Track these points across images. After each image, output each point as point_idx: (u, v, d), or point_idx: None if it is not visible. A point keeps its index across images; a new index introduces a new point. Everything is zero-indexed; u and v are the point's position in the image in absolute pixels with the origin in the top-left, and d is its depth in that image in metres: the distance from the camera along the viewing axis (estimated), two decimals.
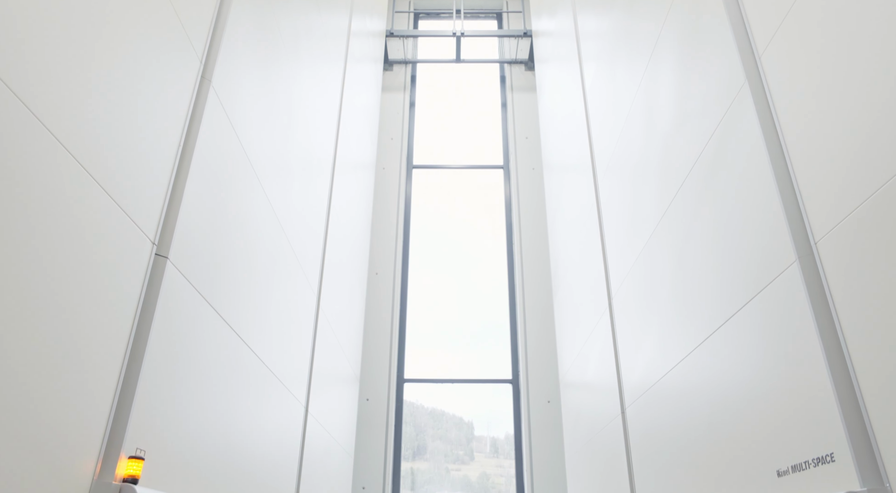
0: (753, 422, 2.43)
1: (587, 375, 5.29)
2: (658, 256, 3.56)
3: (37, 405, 1.58)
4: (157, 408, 2.16)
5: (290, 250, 3.94)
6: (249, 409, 3.16)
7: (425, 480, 7.79)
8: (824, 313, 2.00)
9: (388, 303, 7.29)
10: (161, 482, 2.17)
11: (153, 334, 2.11)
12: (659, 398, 3.53)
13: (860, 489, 1.75)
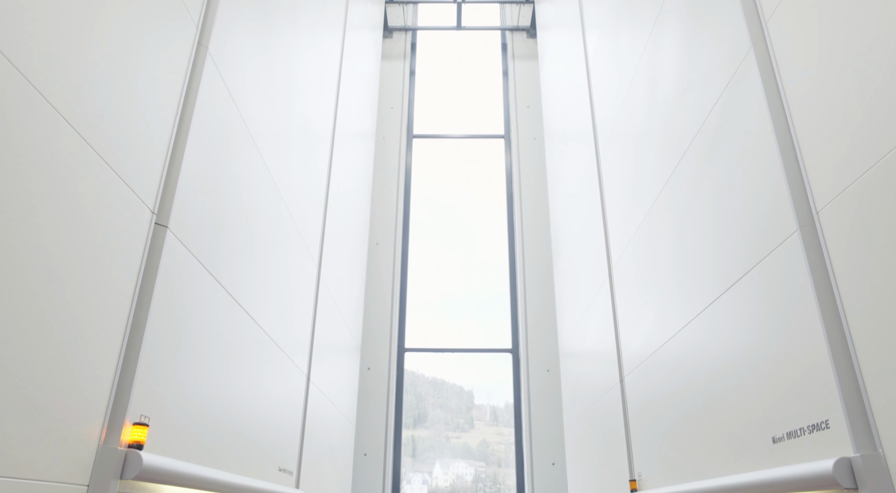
0: (750, 390, 2.46)
1: (586, 344, 5.33)
2: (659, 226, 3.55)
3: (41, 373, 1.60)
4: (160, 375, 2.18)
5: (290, 219, 3.93)
6: (251, 377, 3.20)
7: (426, 447, 7.92)
8: (824, 282, 2.00)
9: (389, 273, 7.31)
10: (165, 447, 2.20)
11: (154, 303, 2.12)
12: (657, 367, 3.56)
13: (853, 455, 1.77)
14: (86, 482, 1.79)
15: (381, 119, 8.19)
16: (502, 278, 7.61)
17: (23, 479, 1.53)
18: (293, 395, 4.00)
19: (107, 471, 1.83)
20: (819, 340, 1.97)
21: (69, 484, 1.72)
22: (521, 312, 7.15)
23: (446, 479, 9.08)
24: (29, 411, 1.55)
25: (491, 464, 9.13)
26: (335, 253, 5.32)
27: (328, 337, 5.05)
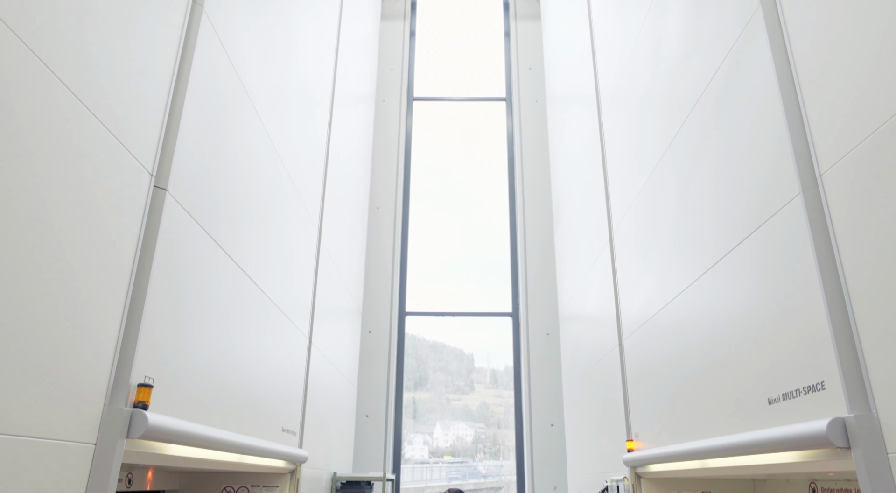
0: (748, 353, 2.48)
1: (586, 308, 5.37)
2: (661, 189, 3.53)
3: (45, 335, 1.61)
4: (163, 337, 2.20)
5: (290, 183, 3.91)
6: (254, 339, 3.23)
7: (427, 409, 8.05)
8: (825, 246, 2.00)
9: (390, 237, 7.31)
10: (170, 408, 2.24)
11: (156, 266, 2.12)
12: (656, 330, 3.59)
13: (847, 415, 1.80)
14: (93, 440, 1.83)
15: (380, 81, 8.07)
16: (503, 242, 7.62)
17: (34, 437, 1.55)
18: (295, 357, 4.05)
19: (113, 430, 1.86)
20: (818, 303, 1.98)
21: (78, 443, 1.75)
22: (522, 276, 7.18)
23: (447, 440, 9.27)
24: (35, 372, 1.57)
25: (491, 425, 9.30)
26: (335, 217, 5.32)
27: (329, 300, 5.09)
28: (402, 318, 7.13)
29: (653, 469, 3.60)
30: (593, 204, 5.12)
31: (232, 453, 2.77)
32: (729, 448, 2.47)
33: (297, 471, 3.99)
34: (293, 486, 3.95)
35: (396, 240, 7.32)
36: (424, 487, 11.65)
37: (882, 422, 1.72)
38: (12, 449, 1.49)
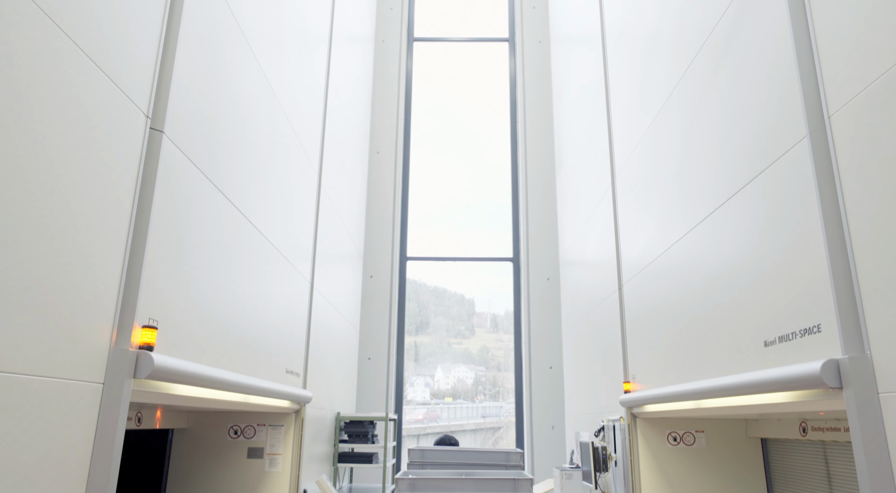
0: (746, 297, 2.50)
1: (587, 252, 5.39)
2: (665, 132, 3.48)
3: (48, 278, 1.62)
4: (165, 280, 2.22)
5: (289, 126, 3.86)
6: (256, 283, 3.25)
7: (428, 352, 8.20)
8: (829, 189, 1.98)
9: (390, 181, 7.27)
10: (175, 349, 2.28)
11: (155, 209, 2.12)
12: (656, 275, 3.61)
13: (841, 356, 1.83)
14: (101, 380, 1.86)
15: (379, 22, 7.84)
16: (504, 186, 7.58)
17: (44, 377, 1.59)
18: (297, 301, 4.09)
19: (120, 370, 1.90)
20: (819, 246, 1.98)
21: (87, 382, 1.79)
22: (523, 221, 7.17)
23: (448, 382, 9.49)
24: (41, 313, 1.59)
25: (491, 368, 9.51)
26: (335, 161, 5.27)
27: (330, 245, 5.10)
28: (403, 263, 7.17)
29: (648, 410, 3.69)
30: (596, 148, 5.06)
31: (237, 393, 2.84)
32: (724, 389, 2.52)
33: (301, 411, 4.10)
34: (298, 425, 4.06)
35: (397, 185, 7.28)
36: (426, 427, 12.01)
37: (875, 363, 1.75)
38: (24, 388, 1.52)
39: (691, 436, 3.88)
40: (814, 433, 3.12)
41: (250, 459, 3.94)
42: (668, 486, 3.82)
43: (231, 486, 3.88)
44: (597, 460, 4.41)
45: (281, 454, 3.96)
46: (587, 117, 5.42)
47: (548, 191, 7.22)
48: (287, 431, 4.01)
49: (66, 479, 1.70)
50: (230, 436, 3.98)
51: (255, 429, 3.99)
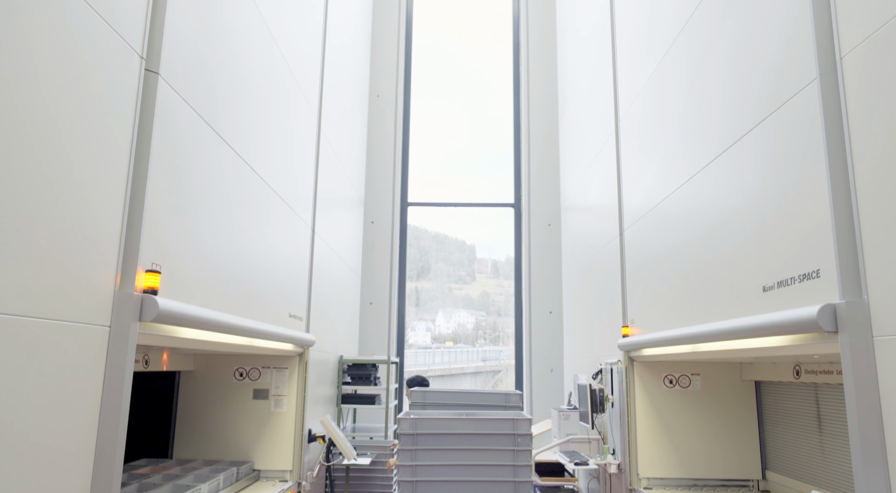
0: (746, 243, 2.50)
1: (589, 198, 5.37)
2: (671, 75, 3.41)
3: (50, 224, 1.62)
4: (167, 225, 2.22)
5: (287, 68, 3.77)
6: (257, 228, 3.26)
7: (429, 298, 8.29)
8: (837, 133, 1.95)
9: (391, 126, 7.17)
10: (178, 294, 2.30)
11: (154, 153, 2.09)
12: (657, 221, 3.61)
13: (839, 301, 1.85)
14: (107, 323, 1.89)
15: None
16: (506, 131, 7.48)
17: (52, 320, 1.61)
18: (299, 246, 4.11)
19: (126, 314, 1.93)
20: (823, 191, 1.96)
21: (93, 325, 1.82)
22: (525, 166, 7.12)
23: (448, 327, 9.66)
24: (45, 257, 1.59)
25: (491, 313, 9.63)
26: (335, 105, 5.18)
27: (331, 190, 5.08)
28: (404, 208, 7.15)
29: (646, 353, 3.76)
30: (600, 92, 4.97)
31: (241, 336, 2.88)
32: (721, 333, 2.56)
33: (304, 354, 4.18)
34: (302, 367, 4.15)
35: (398, 129, 7.18)
36: (427, 370, 12.29)
37: (872, 307, 1.77)
38: (32, 331, 1.54)
39: (687, 379, 3.97)
40: (807, 375, 3.19)
41: (256, 400, 4.04)
42: (662, 426, 3.93)
43: (238, 426, 4.00)
44: (594, 401, 4.53)
45: (286, 396, 4.06)
46: (592, 60, 5.30)
47: (550, 136, 7.13)
48: (291, 373, 4.10)
49: (78, 419, 1.75)
50: (236, 378, 4.07)
51: (260, 371, 4.08)
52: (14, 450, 1.50)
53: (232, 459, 3.95)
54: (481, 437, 2.58)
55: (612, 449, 4.26)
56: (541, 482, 4.90)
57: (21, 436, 1.52)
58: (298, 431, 4.04)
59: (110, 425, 1.86)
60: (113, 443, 1.85)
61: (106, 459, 1.84)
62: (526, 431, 2.62)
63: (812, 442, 3.36)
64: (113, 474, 1.84)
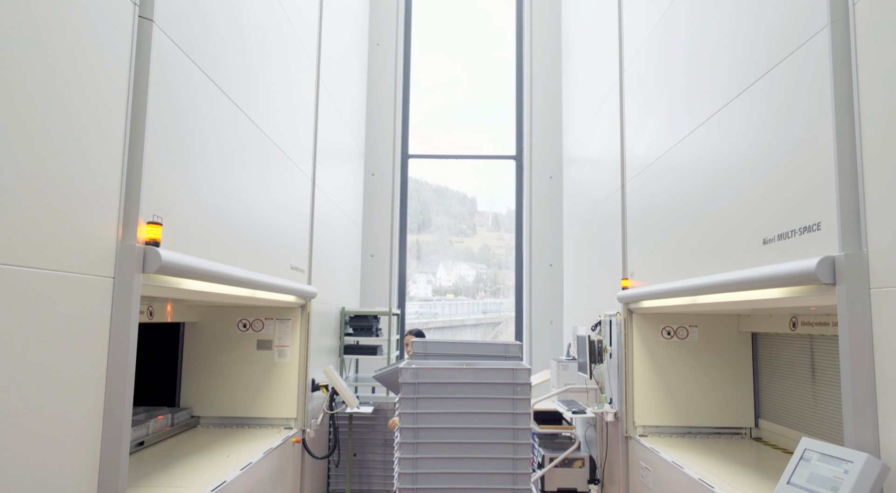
0: (749, 195, 2.50)
1: (591, 150, 5.32)
2: (679, 23, 3.32)
3: (49, 175, 1.61)
4: (166, 176, 2.21)
5: (285, 15, 3.68)
6: (257, 180, 3.24)
7: (430, 250, 8.32)
8: (845, 83, 1.92)
9: (391, 76, 7.04)
10: (181, 246, 2.31)
11: (151, 103, 2.07)
12: (660, 173, 3.59)
13: (838, 254, 1.85)
14: (111, 274, 1.91)
15: None
16: (509, 83, 7.35)
17: (56, 271, 1.62)
18: (299, 198, 4.10)
19: (129, 265, 1.94)
20: (828, 143, 1.95)
21: (97, 276, 1.83)
22: (527, 118, 7.02)
23: (449, 279, 9.73)
24: (46, 209, 1.59)
25: (492, 266, 9.68)
26: (334, 54, 5.07)
27: (331, 142, 5.03)
28: (404, 160, 7.10)
29: (645, 305, 3.80)
30: (605, 41, 4.86)
31: (243, 288, 2.91)
32: (721, 285, 2.58)
33: (307, 305, 4.23)
34: (304, 319, 4.20)
35: (398, 80, 7.06)
36: (428, 322, 12.44)
37: (871, 259, 1.78)
38: (38, 282, 1.56)
39: (685, 330, 4.02)
40: (803, 327, 3.23)
41: (260, 350, 4.11)
42: (659, 376, 4.01)
43: (243, 375, 4.08)
44: (592, 352, 4.60)
45: (289, 346, 4.13)
46: (596, 8, 5.16)
47: (553, 87, 7.01)
48: (294, 324, 4.15)
49: (86, 368, 1.78)
50: (239, 329, 4.13)
51: (263, 323, 4.14)
52: (26, 399, 1.53)
53: (238, 408, 4.05)
54: (481, 386, 2.64)
55: (610, 398, 4.36)
56: (539, 429, 5.03)
57: (33, 385, 1.55)
58: (302, 380, 4.13)
59: (119, 374, 1.90)
60: (121, 392, 1.90)
61: (115, 407, 1.88)
62: (525, 380, 2.67)
63: (805, 392, 3.44)
64: (122, 421, 1.89)
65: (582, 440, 5.41)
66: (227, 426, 4.05)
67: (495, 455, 2.61)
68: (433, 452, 2.62)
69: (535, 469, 4.92)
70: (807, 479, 1.75)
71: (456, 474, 2.61)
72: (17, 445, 1.50)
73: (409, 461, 2.62)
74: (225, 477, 2.84)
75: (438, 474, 2.60)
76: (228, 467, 3.03)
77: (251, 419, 4.06)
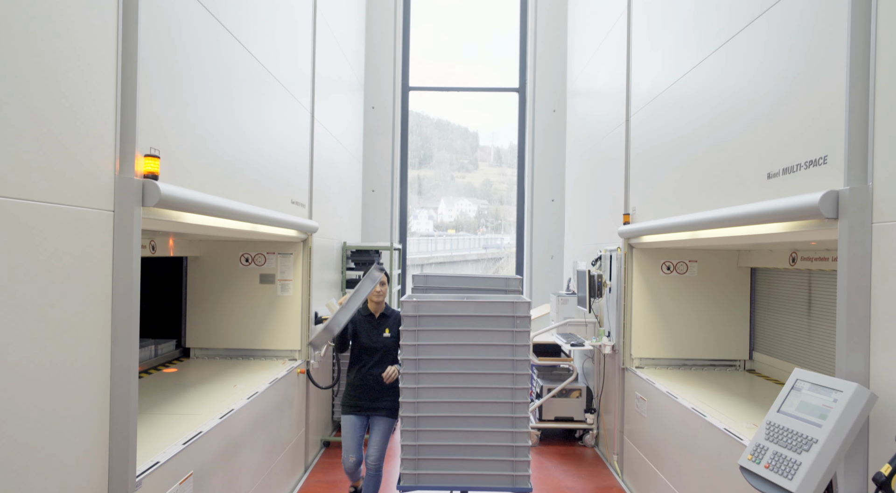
0: (755, 128, 2.45)
1: (596, 83, 5.20)
2: None
3: (43, 106, 1.58)
4: (162, 109, 2.16)
5: None
6: (255, 112, 3.18)
7: (431, 186, 8.28)
8: (863, 11, 1.84)
9: (391, 6, 6.79)
10: (178, 180, 2.29)
11: (142, 32, 2.00)
12: (666, 106, 3.51)
13: (843, 188, 1.83)
14: (111, 207, 1.90)
15: None
16: (513, 12, 7.09)
17: (55, 203, 1.61)
18: (299, 131, 4.04)
19: (128, 198, 1.93)
20: (840, 74, 1.89)
21: (97, 209, 1.83)
22: (531, 49, 6.82)
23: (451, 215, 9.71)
24: (41, 140, 1.57)
25: (493, 201, 9.64)
26: None
27: (330, 74, 4.91)
28: (405, 93, 6.95)
29: (646, 240, 3.81)
30: None
31: (244, 222, 2.91)
32: (723, 220, 2.57)
33: (308, 240, 4.24)
34: (306, 253, 4.23)
35: (398, 9, 6.81)
36: (429, 257, 12.53)
37: (875, 193, 1.76)
38: (37, 214, 1.55)
39: (684, 265, 4.05)
40: (802, 262, 3.25)
41: (263, 284, 4.16)
42: (657, 310, 4.06)
43: (247, 309, 4.15)
44: (592, 286, 4.65)
45: (291, 280, 4.17)
46: None
47: (558, 17, 6.77)
48: (296, 259, 4.18)
49: (92, 298, 1.80)
50: (241, 263, 4.16)
51: (265, 257, 4.16)
52: (34, 329, 1.56)
53: (242, 340, 4.14)
54: (482, 319, 2.67)
55: (608, 332, 4.44)
56: (538, 361, 5.16)
57: (39, 315, 1.58)
58: (305, 313, 4.19)
59: (124, 305, 1.92)
60: (128, 324, 1.93)
61: (122, 335, 1.92)
62: (525, 313, 2.71)
63: (800, 325, 3.49)
64: (130, 349, 1.93)
65: (579, 372, 5.55)
66: (233, 357, 4.15)
67: (495, 385, 2.67)
68: (434, 382, 2.69)
69: (534, 399, 5.08)
70: (797, 407, 1.80)
71: (456, 403, 2.68)
72: (28, 375, 1.54)
73: (411, 391, 2.69)
74: (232, 406, 2.93)
75: (439, 403, 2.68)
76: (236, 396, 3.12)
77: (256, 351, 4.15)
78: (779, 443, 1.76)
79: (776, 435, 1.79)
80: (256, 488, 3.26)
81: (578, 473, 4.40)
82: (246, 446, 3.09)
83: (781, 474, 1.68)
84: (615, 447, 4.39)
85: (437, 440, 2.67)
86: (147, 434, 2.45)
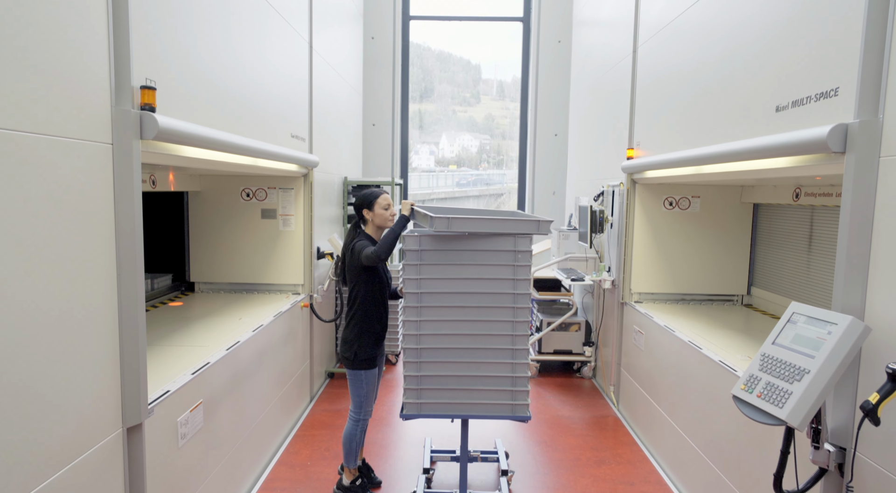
0: (766, 60, 2.38)
1: (603, 10, 5.02)
2: None
3: (33, 33, 1.53)
4: (156, 39, 2.10)
5: None
6: (252, 43, 3.09)
7: (432, 120, 8.13)
8: None
9: None
10: (176, 113, 2.25)
11: None
12: (674, 36, 3.41)
13: (852, 121, 1.80)
14: (109, 140, 1.87)
15: None
16: None
17: (52, 135, 1.59)
18: (297, 62, 3.94)
19: (126, 130, 1.90)
20: (858, 3, 1.82)
21: (95, 142, 1.80)
22: None
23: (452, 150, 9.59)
24: (31, 69, 1.53)
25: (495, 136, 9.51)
26: None
27: (328, 1, 4.74)
28: (405, 22, 6.73)
29: (649, 175, 3.78)
30: None
31: (243, 156, 2.88)
32: (728, 155, 2.54)
33: (309, 175, 4.21)
34: (307, 188, 4.21)
35: None
36: (431, 193, 12.48)
37: (885, 127, 1.73)
38: (35, 146, 1.53)
39: (687, 201, 4.03)
40: (806, 198, 3.23)
41: (264, 219, 4.16)
42: (658, 246, 4.08)
43: (249, 243, 4.17)
44: (594, 222, 4.65)
45: (293, 215, 4.17)
46: None
47: None
48: (297, 193, 4.17)
49: (95, 230, 1.81)
50: (242, 198, 4.15)
51: (266, 192, 4.15)
52: (38, 262, 1.57)
53: (245, 275, 4.18)
54: (483, 253, 2.69)
55: (608, 267, 4.48)
56: (538, 295, 5.23)
57: (44, 246, 1.58)
58: (307, 248, 4.22)
59: (127, 238, 1.93)
60: (132, 255, 1.94)
61: (127, 266, 1.94)
62: (526, 248, 2.72)
63: (799, 261, 3.51)
64: (136, 281, 1.95)
65: (579, 306, 5.63)
66: (237, 291, 4.21)
67: (495, 318, 2.72)
68: (436, 315, 2.73)
69: (534, 333, 5.18)
70: (791, 339, 1.83)
71: (458, 335, 2.73)
72: (37, 305, 1.56)
73: (413, 324, 2.73)
74: (238, 338, 2.99)
75: (441, 335, 2.73)
76: (241, 328, 3.18)
77: (260, 285, 4.21)
78: (772, 374, 1.81)
79: (770, 366, 1.84)
80: (265, 416, 3.37)
81: (576, 403, 4.55)
82: (253, 376, 3.17)
83: (773, 402, 1.73)
84: (612, 379, 4.51)
85: (438, 370, 2.74)
86: (157, 365, 2.52)
